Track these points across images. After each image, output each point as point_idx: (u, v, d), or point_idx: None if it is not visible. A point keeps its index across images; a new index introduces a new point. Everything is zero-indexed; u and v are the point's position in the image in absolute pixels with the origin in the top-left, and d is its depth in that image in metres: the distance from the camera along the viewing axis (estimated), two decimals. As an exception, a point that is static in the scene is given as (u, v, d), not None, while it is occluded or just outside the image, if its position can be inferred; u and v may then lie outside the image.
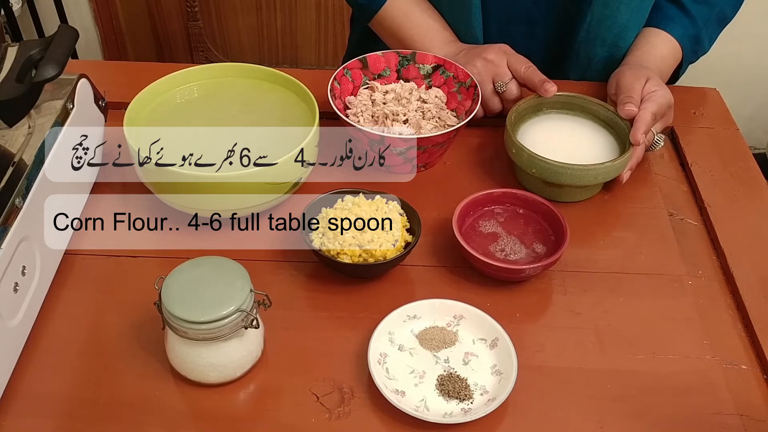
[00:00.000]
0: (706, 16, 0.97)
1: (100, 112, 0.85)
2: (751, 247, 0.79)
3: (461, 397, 0.65)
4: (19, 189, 0.66)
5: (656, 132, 0.86)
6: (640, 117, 0.83)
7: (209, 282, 0.62)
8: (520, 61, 0.91)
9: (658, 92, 0.85)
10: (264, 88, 0.89)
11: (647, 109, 0.83)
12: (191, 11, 2.24)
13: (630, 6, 0.95)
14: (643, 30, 0.98)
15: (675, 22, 0.96)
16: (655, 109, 0.84)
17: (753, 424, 0.64)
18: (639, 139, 0.82)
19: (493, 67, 0.91)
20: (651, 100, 0.84)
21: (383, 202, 0.77)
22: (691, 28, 0.96)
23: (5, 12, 1.90)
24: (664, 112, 0.87)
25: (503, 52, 0.93)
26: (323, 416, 0.64)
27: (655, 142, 0.87)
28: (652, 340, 0.71)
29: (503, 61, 0.91)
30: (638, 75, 0.88)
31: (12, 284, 0.64)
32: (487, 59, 0.92)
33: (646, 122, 0.83)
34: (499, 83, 0.91)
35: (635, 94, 0.86)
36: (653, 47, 0.96)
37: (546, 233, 0.79)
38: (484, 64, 0.92)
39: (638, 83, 0.87)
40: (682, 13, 0.96)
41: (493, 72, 0.91)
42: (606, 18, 0.96)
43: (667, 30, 0.96)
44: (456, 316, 0.71)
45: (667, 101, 0.86)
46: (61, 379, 0.66)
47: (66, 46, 0.72)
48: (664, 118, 0.88)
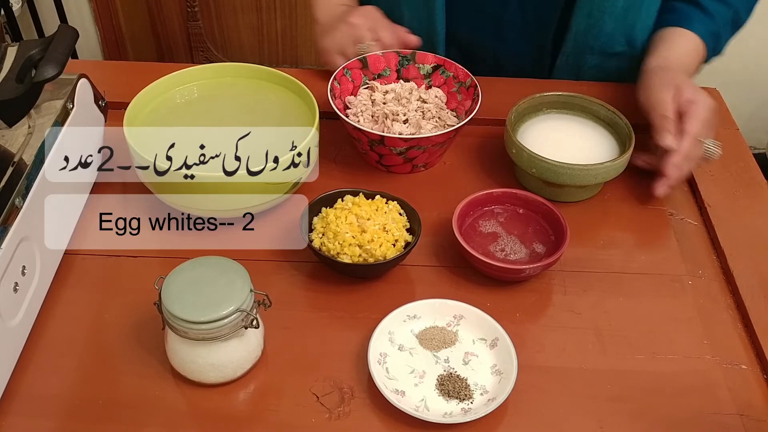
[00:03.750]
0: (724, 16, 0.94)
1: (100, 112, 0.85)
2: (751, 247, 0.79)
3: (461, 397, 0.65)
4: (19, 189, 0.66)
5: (706, 141, 0.81)
6: (680, 149, 0.78)
7: (209, 282, 0.62)
8: (385, 27, 0.93)
9: (698, 105, 0.80)
10: (264, 88, 0.89)
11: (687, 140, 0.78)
12: (191, 11, 2.24)
13: (614, 15, 0.95)
14: (662, 31, 0.94)
15: (695, 20, 0.92)
16: (695, 131, 0.79)
17: (753, 424, 0.64)
18: (659, 192, 0.79)
19: (356, 30, 0.93)
20: (691, 124, 0.79)
21: (383, 202, 0.77)
22: (712, 25, 0.93)
23: (5, 12, 1.90)
24: (710, 120, 0.81)
25: (367, 15, 0.95)
26: (323, 416, 0.64)
27: (707, 151, 0.81)
28: (652, 340, 0.71)
29: (367, 24, 0.94)
30: (666, 83, 0.84)
31: (12, 284, 0.64)
32: (350, 22, 0.94)
33: (683, 155, 0.78)
34: (360, 45, 0.93)
35: (669, 111, 0.80)
36: (675, 44, 0.92)
37: (546, 233, 0.79)
38: (348, 27, 0.94)
39: (667, 94, 0.82)
40: (701, 11, 0.93)
41: (356, 35, 0.93)
42: (592, 27, 0.96)
43: (687, 27, 0.92)
44: (456, 316, 0.71)
45: (709, 108, 0.81)
46: (61, 379, 0.66)
47: (66, 46, 0.72)
48: (712, 126, 0.82)
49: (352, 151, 0.91)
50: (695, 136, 0.79)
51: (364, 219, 0.73)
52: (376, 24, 0.94)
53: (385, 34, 0.93)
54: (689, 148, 0.79)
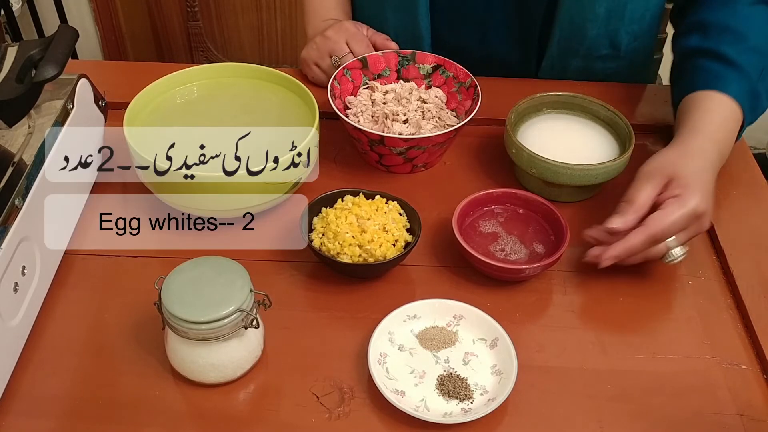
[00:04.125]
0: (758, 67, 0.82)
1: (100, 112, 0.85)
2: (751, 247, 0.79)
3: (461, 397, 0.65)
4: (19, 189, 0.66)
5: (672, 246, 0.71)
6: (627, 239, 0.70)
7: (209, 282, 0.62)
8: (359, 41, 0.95)
9: (676, 205, 0.70)
10: (264, 88, 0.89)
11: (639, 233, 0.70)
12: (191, 11, 2.24)
13: (596, 22, 0.95)
14: (691, 97, 0.82)
15: (726, 80, 0.81)
16: (655, 231, 0.70)
17: (753, 424, 0.64)
18: (602, 260, 0.71)
19: (330, 43, 0.96)
20: (655, 220, 0.70)
21: (383, 202, 0.77)
22: (746, 83, 0.81)
23: (5, 12, 1.90)
24: (685, 224, 0.71)
25: (342, 30, 0.96)
26: (323, 416, 0.64)
27: (668, 257, 0.72)
28: (652, 340, 0.71)
29: (342, 38, 0.95)
30: (663, 167, 0.74)
31: (12, 284, 0.64)
32: (325, 35, 0.97)
33: (626, 247, 0.70)
34: (334, 57, 0.95)
35: (638, 207, 0.71)
36: (707, 113, 0.79)
37: (546, 233, 0.79)
38: (322, 41, 0.97)
39: (648, 188, 0.72)
40: (731, 68, 0.81)
41: (329, 48, 0.96)
42: (575, 33, 0.96)
43: (719, 89, 0.80)
44: (456, 316, 0.71)
45: (688, 214, 0.70)
46: (61, 379, 0.66)
47: (66, 46, 0.72)
48: (689, 230, 0.72)
49: (352, 151, 0.91)
50: (653, 236, 0.70)
51: (364, 219, 0.73)
52: (350, 38, 0.96)
53: (357, 47, 0.95)
54: (638, 245, 0.70)
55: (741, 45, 0.82)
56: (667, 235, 0.71)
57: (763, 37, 0.83)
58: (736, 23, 0.84)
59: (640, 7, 0.96)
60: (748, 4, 0.85)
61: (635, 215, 0.71)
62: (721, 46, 0.82)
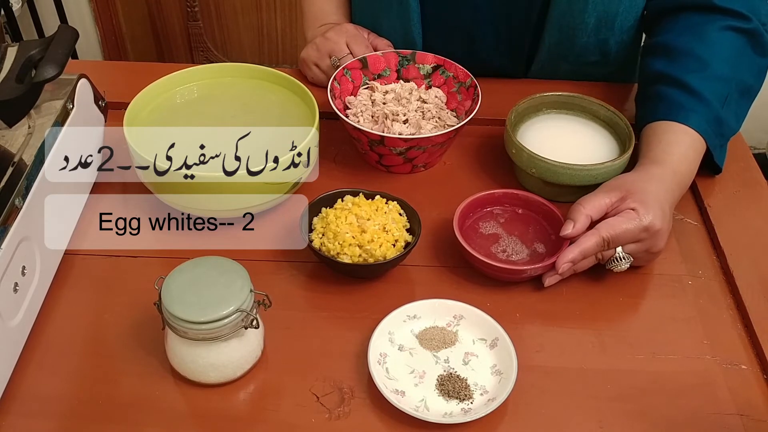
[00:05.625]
0: (721, 94, 0.82)
1: (100, 112, 0.85)
2: (751, 247, 0.79)
3: (461, 397, 0.65)
4: (18, 189, 0.66)
5: (621, 252, 0.73)
6: (579, 242, 0.71)
7: (209, 282, 0.62)
8: (359, 42, 0.96)
9: (632, 216, 0.72)
10: (264, 88, 0.89)
11: (592, 235, 0.71)
12: (191, 11, 2.24)
13: (585, 31, 0.95)
14: (654, 125, 0.82)
15: (688, 111, 0.80)
16: (607, 235, 0.71)
17: (753, 424, 0.64)
18: (559, 266, 0.72)
19: (330, 44, 0.97)
20: (608, 225, 0.72)
21: (383, 202, 0.77)
22: (708, 112, 0.81)
23: (5, 12, 1.90)
24: (638, 237, 0.72)
25: (342, 31, 0.97)
26: (323, 416, 0.64)
27: (614, 260, 0.73)
28: (652, 340, 0.71)
29: (342, 39, 0.96)
30: (614, 188, 0.75)
31: (12, 284, 0.64)
32: (326, 36, 0.98)
33: (581, 249, 0.71)
34: (333, 58, 0.95)
35: (590, 209, 0.73)
36: (669, 145, 0.80)
37: (546, 233, 0.79)
38: (323, 41, 0.98)
39: (604, 198, 0.74)
40: (693, 97, 0.81)
41: (329, 48, 0.97)
42: (563, 41, 0.97)
43: (681, 120, 0.80)
44: (456, 316, 0.71)
45: (640, 226, 0.71)
46: (61, 379, 0.66)
47: (66, 46, 0.72)
48: (641, 243, 0.73)
49: (352, 151, 0.91)
50: (605, 239, 0.71)
51: (364, 219, 0.73)
52: (350, 39, 0.97)
53: (357, 48, 0.95)
54: (591, 246, 0.71)
55: (704, 72, 0.82)
56: (618, 242, 0.72)
57: (727, 64, 0.83)
58: (701, 50, 0.84)
59: (631, 17, 0.96)
60: (717, 29, 0.84)
61: (586, 219, 0.73)
62: (686, 74, 0.82)
